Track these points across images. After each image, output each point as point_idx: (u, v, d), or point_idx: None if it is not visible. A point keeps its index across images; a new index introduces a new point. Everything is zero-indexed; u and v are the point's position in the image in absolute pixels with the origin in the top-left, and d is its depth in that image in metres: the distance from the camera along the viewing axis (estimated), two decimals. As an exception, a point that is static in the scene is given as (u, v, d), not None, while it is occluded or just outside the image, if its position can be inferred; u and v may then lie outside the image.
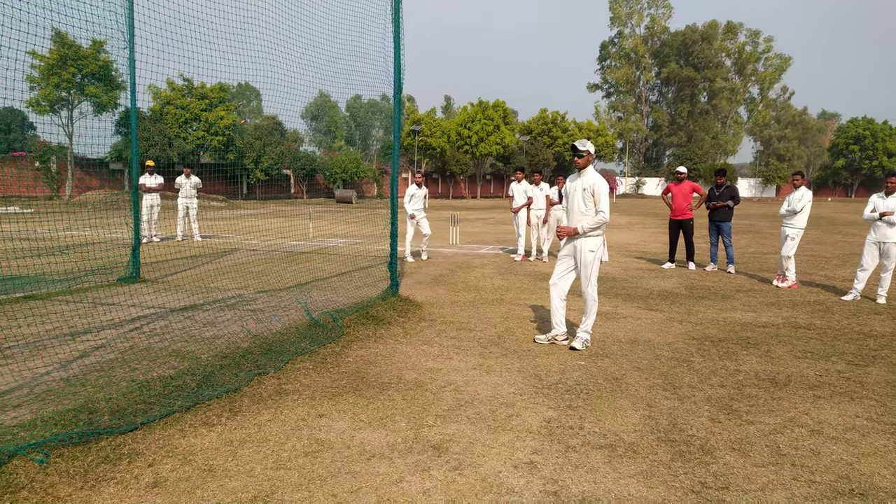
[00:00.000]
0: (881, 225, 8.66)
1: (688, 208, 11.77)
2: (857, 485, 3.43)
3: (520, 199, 12.92)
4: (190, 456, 3.67)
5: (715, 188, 11.65)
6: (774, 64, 75.57)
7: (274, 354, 5.51)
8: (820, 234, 20.14)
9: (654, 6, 77.63)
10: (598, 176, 6.09)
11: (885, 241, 8.64)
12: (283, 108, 7.74)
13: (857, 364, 5.72)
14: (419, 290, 9.17)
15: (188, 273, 10.14)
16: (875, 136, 66.52)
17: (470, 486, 3.37)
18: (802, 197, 9.81)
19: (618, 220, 27.69)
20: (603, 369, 5.48)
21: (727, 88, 75.55)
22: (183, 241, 15.12)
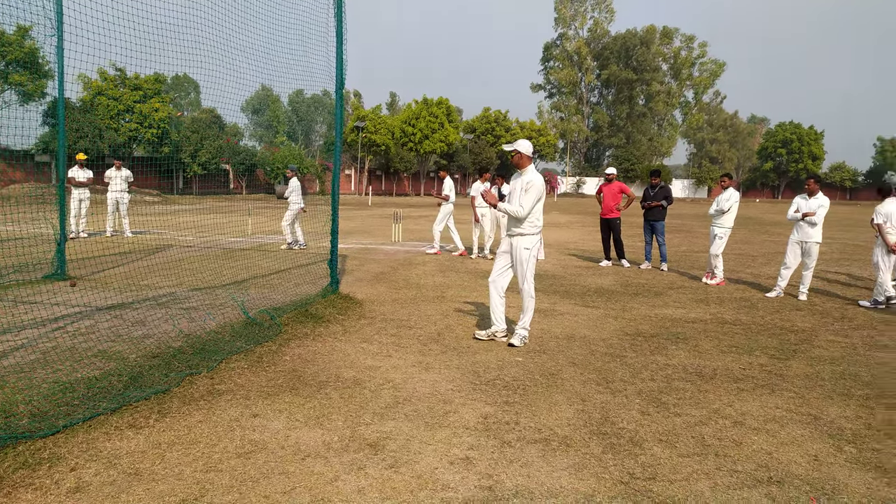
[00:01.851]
0: (803, 225, 9.11)
1: (615, 208, 12.09)
2: (775, 473, 3.61)
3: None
4: (115, 460, 3.54)
5: (650, 188, 12.01)
6: (709, 69, 78.47)
7: (207, 354, 5.38)
8: (747, 234, 21.04)
9: (597, 9, 79.41)
10: (536, 175, 6.18)
11: (806, 241, 9.09)
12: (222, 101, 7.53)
13: (779, 358, 6.01)
14: (360, 287, 9.11)
15: (117, 270, 9.77)
16: (801, 139, 70.03)
17: (405, 483, 3.38)
18: (730, 198, 10.23)
19: (558, 218, 28.20)
20: (540, 365, 5.58)
21: (663, 92, 78.04)
22: (113, 236, 14.55)
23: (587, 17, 79.30)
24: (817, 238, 9.02)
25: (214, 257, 11.55)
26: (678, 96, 79.87)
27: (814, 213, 8.96)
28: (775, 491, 3.39)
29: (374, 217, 25.82)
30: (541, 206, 6.20)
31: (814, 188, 9.16)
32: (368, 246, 14.81)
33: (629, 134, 77.84)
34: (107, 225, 14.92)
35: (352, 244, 14.99)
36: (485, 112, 66.15)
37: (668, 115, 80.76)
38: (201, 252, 12.34)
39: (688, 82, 79.29)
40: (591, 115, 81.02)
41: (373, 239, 16.59)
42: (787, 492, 3.38)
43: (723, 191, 10.44)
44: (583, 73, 79.95)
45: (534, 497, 3.27)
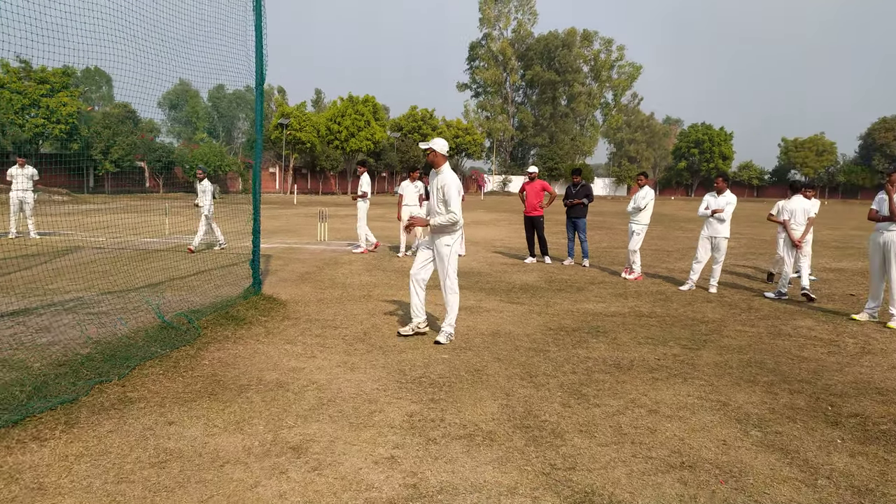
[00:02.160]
0: (713, 221, 9.59)
1: (538, 206, 12.36)
2: (686, 458, 3.78)
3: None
4: (17, 474, 3.32)
5: (572, 187, 12.32)
6: (627, 72, 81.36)
7: (119, 360, 5.12)
8: (663, 230, 21.96)
9: (521, 11, 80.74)
10: (451, 175, 6.21)
11: (715, 236, 9.58)
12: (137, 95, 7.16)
13: (691, 348, 6.30)
14: (284, 288, 8.92)
15: (21, 274, 9.17)
16: (712, 140, 73.65)
17: (329, 485, 3.33)
18: (646, 195, 10.65)
19: (484, 216, 28.55)
20: (465, 362, 5.63)
21: (585, 93, 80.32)
22: (16, 238, 13.65)
23: (511, 18, 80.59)
24: (726, 233, 9.52)
25: (128, 259, 11.03)
26: (598, 97, 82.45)
27: (722, 209, 9.45)
28: (687, 475, 3.55)
29: (300, 216, 25.35)
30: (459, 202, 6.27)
31: (722, 186, 9.66)
32: (293, 245, 14.53)
33: (553, 133, 79.68)
34: (10, 226, 13.98)
35: (276, 244, 14.66)
36: (412, 110, 66.09)
37: (590, 116, 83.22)
38: (113, 254, 11.76)
39: (607, 84, 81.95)
40: (515, 115, 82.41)
41: (298, 238, 16.29)
42: (698, 475, 3.55)
43: (640, 189, 10.85)
44: (507, 73, 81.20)
45: (458, 492, 3.29)
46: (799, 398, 4.87)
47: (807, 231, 9.29)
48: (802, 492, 3.39)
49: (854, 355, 6.17)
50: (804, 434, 4.17)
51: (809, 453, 3.88)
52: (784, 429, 4.26)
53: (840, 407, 4.70)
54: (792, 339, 6.79)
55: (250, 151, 54.40)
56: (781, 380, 5.32)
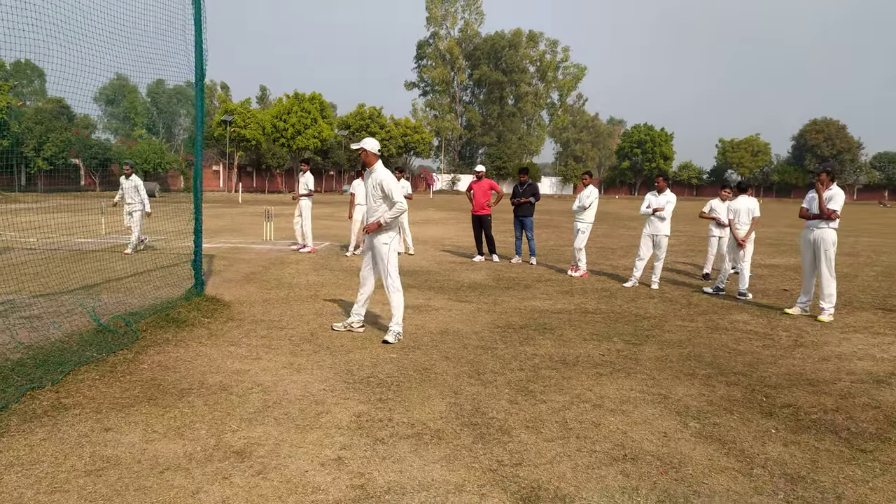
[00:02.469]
0: (654, 220, 9.86)
1: (486, 205, 12.46)
2: (629, 451, 3.87)
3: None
4: (-62, 490, 3.14)
5: (519, 185, 12.46)
6: (572, 73, 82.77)
7: (52, 366, 4.91)
8: (608, 228, 22.45)
9: (467, 10, 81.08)
10: (385, 171, 6.30)
11: (657, 234, 9.85)
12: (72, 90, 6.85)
13: (633, 343, 6.46)
14: (228, 288, 8.72)
15: (-56, 277, 8.66)
16: (654, 140, 75.73)
17: (274, 489, 3.27)
18: (590, 194, 10.86)
19: (433, 215, 28.57)
20: (414, 361, 5.62)
21: (531, 93, 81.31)
22: (-61, 239, 12.90)
23: (458, 17, 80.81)
24: (666, 231, 9.80)
25: (61, 260, 10.56)
26: (545, 98, 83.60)
27: (663, 208, 9.72)
28: (629, 467, 3.64)
29: (245, 215, 24.82)
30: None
31: (662, 186, 9.94)
32: (238, 245, 14.22)
33: (500, 133, 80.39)
34: (-70, 226, 13.21)
35: (220, 244, 14.32)
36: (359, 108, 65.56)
37: (536, 116, 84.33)
38: (46, 255, 11.25)
39: (553, 84, 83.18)
40: (463, 114, 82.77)
41: (243, 238, 15.95)
42: (640, 467, 3.64)
43: (584, 188, 11.06)
44: (455, 72, 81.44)
45: (405, 491, 3.29)
46: (735, 390, 5.05)
47: (751, 230, 9.55)
48: (739, 481, 3.52)
49: (787, 348, 6.44)
50: (740, 425, 4.33)
51: (745, 443, 4.03)
52: (721, 420, 4.41)
53: (774, 398, 4.89)
54: (729, 333, 7.04)
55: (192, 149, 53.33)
56: (719, 372, 5.51)
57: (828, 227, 7.72)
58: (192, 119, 31.11)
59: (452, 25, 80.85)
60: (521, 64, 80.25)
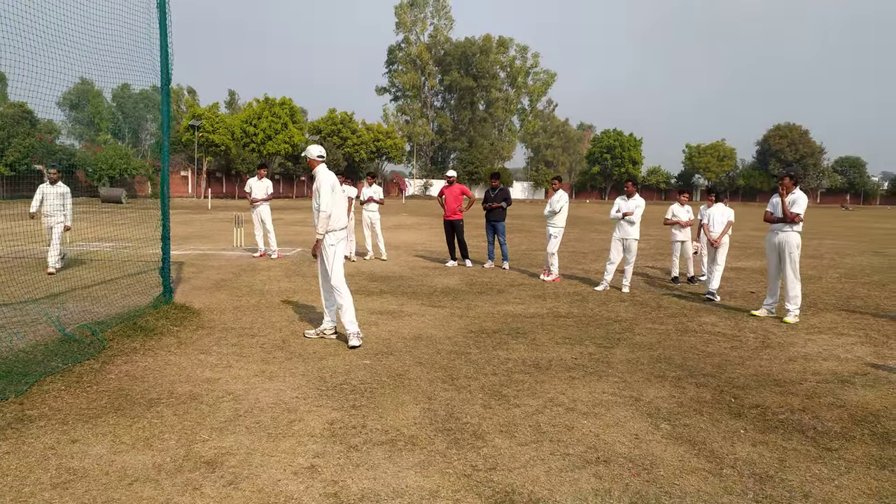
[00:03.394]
0: (624, 224, 9.99)
1: (458, 209, 12.49)
2: (601, 453, 3.91)
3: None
4: None
5: (490, 190, 12.51)
6: (542, 78, 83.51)
7: (15, 377, 4.77)
8: (579, 233, 22.66)
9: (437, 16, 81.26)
10: (321, 174, 6.38)
11: (626, 238, 9.97)
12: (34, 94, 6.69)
13: (605, 346, 6.53)
14: (198, 296, 8.59)
15: None
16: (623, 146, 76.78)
17: (246, 499, 3.23)
18: (560, 199, 10.96)
19: (405, 220, 28.52)
20: (387, 367, 5.60)
21: (502, 99, 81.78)
22: None
23: (427, 23, 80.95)
24: (635, 235, 9.94)
25: (25, 268, 10.30)
26: (515, 103, 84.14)
27: (632, 212, 9.85)
28: (602, 469, 3.67)
29: (214, 221, 24.48)
30: (337, 201, 6.36)
31: (631, 190, 10.09)
32: (207, 252, 14.01)
33: (472, 138, 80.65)
34: None
35: (189, 250, 14.10)
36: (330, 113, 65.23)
37: (507, 121, 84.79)
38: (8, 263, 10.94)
39: (523, 90, 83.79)
40: (435, 119, 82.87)
41: (212, 244, 15.72)
42: (612, 469, 3.68)
43: (554, 193, 11.16)
44: (426, 77, 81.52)
45: (380, 499, 3.27)
46: (705, 391, 5.14)
47: (724, 232, 9.89)
48: (709, 481, 3.58)
49: (754, 349, 6.57)
50: (710, 426, 4.40)
51: (715, 444, 4.09)
52: (691, 421, 4.48)
53: (742, 399, 4.99)
54: (697, 335, 7.15)
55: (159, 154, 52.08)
56: (688, 374, 5.59)
57: (792, 230, 7.90)
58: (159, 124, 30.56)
59: (422, 31, 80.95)
60: (492, 69, 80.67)
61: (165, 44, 6.96)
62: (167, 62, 7.01)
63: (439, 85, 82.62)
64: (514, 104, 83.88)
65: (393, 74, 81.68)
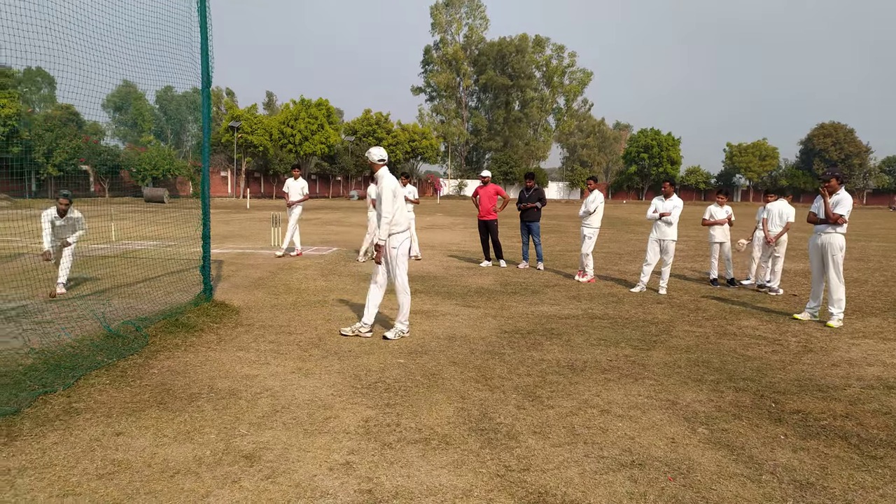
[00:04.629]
0: (661, 224, 9.85)
1: (492, 210, 12.47)
2: (637, 457, 3.87)
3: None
4: (-48, 493, 3.18)
5: (525, 191, 12.47)
6: (578, 77, 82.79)
7: (63, 370, 4.95)
8: (615, 233, 22.41)
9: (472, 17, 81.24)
10: (386, 177, 6.46)
11: (664, 239, 9.84)
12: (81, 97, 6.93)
13: (641, 348, 6.45)
14: (236, 294, 8.77)
15: (-44, 282, 8.75)
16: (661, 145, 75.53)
17: (283, 493, 3.29)
18: (595, 199, 10.86)
19: (441, 220, 28.61)
20: (421, 366, 5.63)
21: (537, 98, 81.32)
22: (-50, 245, 13.03)
23: (462, 23, 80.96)
24: (673, 236, 9.79)
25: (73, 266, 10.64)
26: (551, 103, 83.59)
27: (669, 213, 9.71)
28: (637, 473, 3.64)
29: (253, 220, 24.93)
30: (398, 205, 6.47)
31: (669, 190, 9.95)
32: (246, 251, 14.28)
33: (507, 138, 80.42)
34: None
35: (228, 249, 14.39)
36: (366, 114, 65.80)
37: (543, 121, 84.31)
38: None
39: (559, 90, 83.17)
40: (470, 119, 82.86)
41: (251, 243, 16.01)
42: (648, 473, 3.64)
43: (589, 193, 11.07)
44: (461, 77, 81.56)
45: (413, 496, 3.30)
46: (744, 396, 5.04)
47: (781, 233, 10.08)
48: (748, 487, 3.51)
49: (796, 353, 6.42)
50: (749, 431, 4.32)
51: (754, 449, 4.02)
52: (730, 426, 4.40)
53: (783, 404, 4.88)
54: (737, 338, 7.02)
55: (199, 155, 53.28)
56: (727, 378, 5.49)
57: (835, 231, 7.69)
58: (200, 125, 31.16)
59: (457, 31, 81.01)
60: (528, 69, 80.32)
61: (206, 47, 7.13)
62: (207, 65, 7.18)
63: (474, 85, 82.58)
64: (550, 104, 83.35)
65: (428, 75, 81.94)
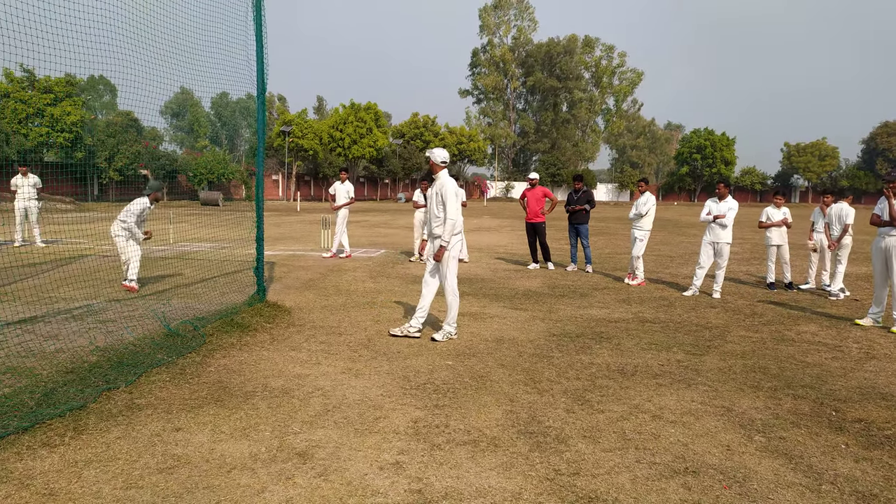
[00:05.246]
0: (715, 227, 9.61)
1: (540, 212, 12.38)
2: (690, 464, 3.79)
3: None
4: (28, 480, 3.36)
5: (573, 193, 12.35)
6: (628, 78, 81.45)
7: (125, 368, 5.16)
8: (666, 236, 21.96)
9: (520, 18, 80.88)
10: (447, 179, 6.50)
11: (718, 242, 9.60)
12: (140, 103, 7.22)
13: (694, 353, 6.32)
14: (288, 295, 8.96)
15: (28, 282, 9.22)
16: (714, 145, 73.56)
17: (335, 490, 3.36)
18: (647, 202, 10.68)
19: (488, 223, 28.58)
20: (469, 368, 5.65)
21: (586, 99, 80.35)
22: (22, 246, 13.72)
23: (511, 25, 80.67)
24: (728, 239, 9.54)
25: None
26: (600, 104, 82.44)
27: (723, 215, 9.47)
28: (691, 480, 3.57)
29: (303, 223, 25.42)
30: (458, 206, 6.54)
31: (723, 192, 9.70)
32: (297, 252, 14.57)
33: (554, 140, 79.72)
34: (16, 234, 14.06)
35: (280, 251, 14.71)
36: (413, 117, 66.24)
37: (591, 122, 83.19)
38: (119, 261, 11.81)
39: (608, 90, 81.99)
40: (517, 121, 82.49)
41: (301, 245, 16.33)
42: (702, 481, 3.57)
43: (640, 195, 10.89)
44: (508, 79, 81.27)
45: (462, 497, 3.31)
46: (803, 403, 4.88)
47: (841, 236, 9.91)
48: (806, 497, 3.40)
49: (858, 360, 6.18)
50: (808, 439, 4.19)
51: (813, 458, 3.89)
52: (788, 434, 4.27)
53: (844, 412, 4.71)
54: (796, 344, 6.79)
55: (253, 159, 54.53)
56: (785, 385, 5.33)
57: (902, 234, 7.37)
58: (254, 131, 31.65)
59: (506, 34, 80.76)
60: (576, 70, 79.43)
61: (261, 54, 7.32)
62: (262, 72, 7.37)
63: (522, 86, 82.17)
64: (599, 104, 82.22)
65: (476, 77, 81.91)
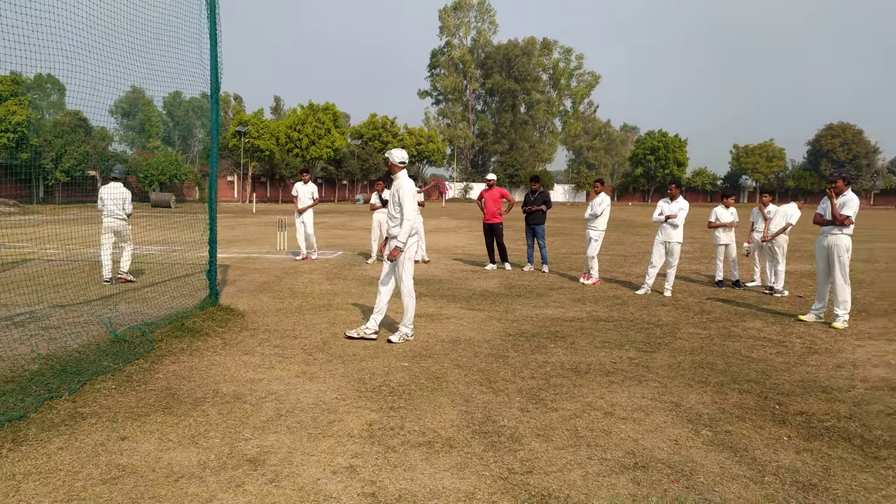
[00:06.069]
0: (666, 227, 9.84)
1: (497, 213, 12.47)
2: (640, 459, 3.87)
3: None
4: (-41, 497, 3.21)
5: (530, 194, 12.47)
6: (585, 80, 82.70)
7: (69, 375, 4.99)
8: (620, 236, 22.37)
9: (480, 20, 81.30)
10: (405, 180, 6.48)
11: (669, 241, 9.82)
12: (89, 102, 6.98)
13: (646, 351, 6.45)
14: (242, 298, 8.81)
15: (-35, 288, 8.82)
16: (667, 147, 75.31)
17: (286, 496, 3.31)
18: (602, 202, 10.86)
19: (446, 223, 28.65)
20: (425, 369, 5.64)
21: (544, 101, 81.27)
22: (-40, 251, 13.13)
23: (471, 27, 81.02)
24: (679, 238, 9.78)
25: (79, 271, 10.73)
26: (557, 105, 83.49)
27: (675, 215, 9.70)
28: (640, 475, 3.64)
29: (259, 225, 25.04)
30: (415, 207, 6.54)
31: (675, 193, 9.94)
32: (252, 255, 14.34)
33: (513, 141, 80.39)
34: (-49, 238, 13.47)
35: (234, 253, 14.45)
36: (372, 118, 65.93)
37: (549, 123, 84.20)
38: (65, 266, 11.42)
39: (566, 92, 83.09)
40: (476, 122, 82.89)
41: (256, 248, 16.08)
42: (651, 475, 3.64)
43: (596, 196, 11.06)
44: (467, 81, 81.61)
45: (416, 499, 3.31)
46: (748, 398, 5.03)
47: (777, 233, 10.15)
48: (750, 488, 3.51)
49: (801, 355, 6.40)
50: (752, 432, 4.32)
51: (757, 451, 4.01)
52: (733, 428, 4.40)
53: (787, 405, 4.87)
54: (742, 340, 7.00)
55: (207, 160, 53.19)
56: (731, 380, 5.48)
57: (841, 233, 7.67)
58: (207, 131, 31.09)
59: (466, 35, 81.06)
60: (534, 72, 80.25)
61: (215, 53, 7.17)
62: (216, 71, 7.22)
63: (481, 88, 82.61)
64: (556, 106, 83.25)
65: (435, 78, 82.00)
